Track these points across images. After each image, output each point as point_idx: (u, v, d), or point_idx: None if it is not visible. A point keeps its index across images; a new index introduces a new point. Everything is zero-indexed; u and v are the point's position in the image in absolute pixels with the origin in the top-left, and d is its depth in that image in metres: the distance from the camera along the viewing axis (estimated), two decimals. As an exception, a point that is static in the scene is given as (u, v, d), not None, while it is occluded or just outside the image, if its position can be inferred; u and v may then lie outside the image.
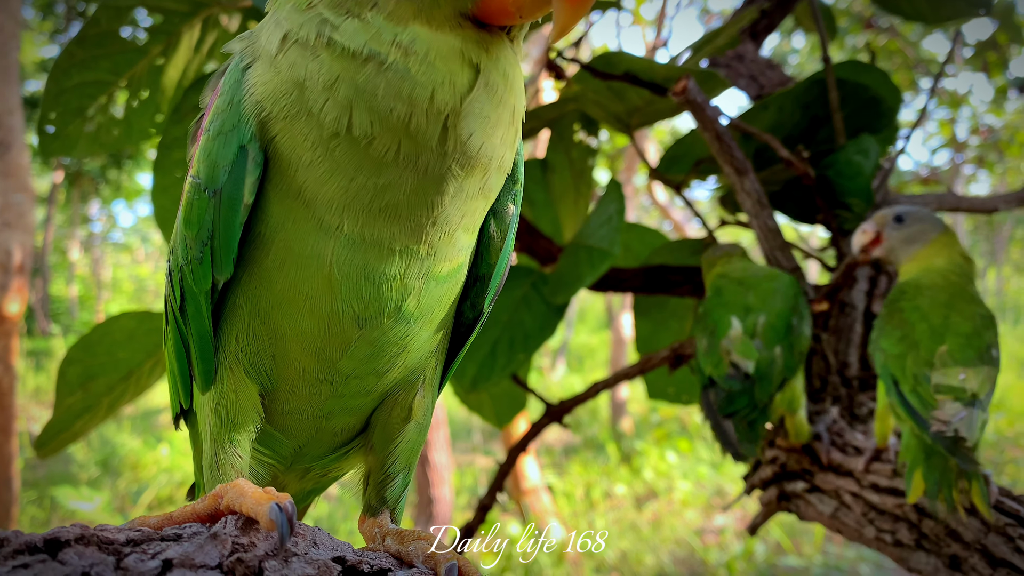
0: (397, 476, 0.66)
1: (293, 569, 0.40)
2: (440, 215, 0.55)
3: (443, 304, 0.61)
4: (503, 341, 1.25)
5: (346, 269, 0.55)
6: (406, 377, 0.63)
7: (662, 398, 1.50)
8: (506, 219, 0.63)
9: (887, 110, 1.18)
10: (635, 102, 1.26)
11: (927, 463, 0.79)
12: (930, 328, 0.86)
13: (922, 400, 0.80)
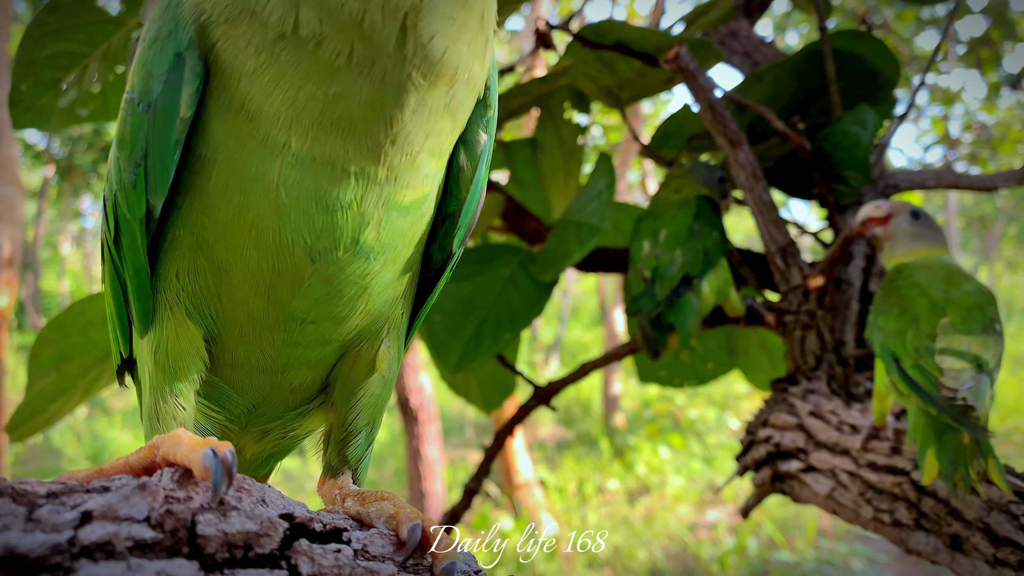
0: (360, 433, 0.60)
1: (232, 523, 0.36)
2: (400, 133, 0.49)
3: (408, 240, 0.56)
4: (489, 321, 1.21)
5: (295, 193, 0.50)
6: (369, 325, 0.58)
7: (654, 381, 1.46)
8: (477, 149, 0.57)
9: (885, 81, 1.14)
10: (626, 74, 1.22)
11: (939, 441, 0.75)
12: (930, 302, 0.83)
13: (926, 374, 0.76)
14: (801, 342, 1.03)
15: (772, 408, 1.00)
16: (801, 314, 1.02)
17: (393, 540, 0.45)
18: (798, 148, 1.08)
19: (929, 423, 0.76)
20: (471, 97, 0.53)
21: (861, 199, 1.16)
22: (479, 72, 0.52)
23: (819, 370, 1.02)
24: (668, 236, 1.11)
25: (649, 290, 1.11)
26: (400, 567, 0.44)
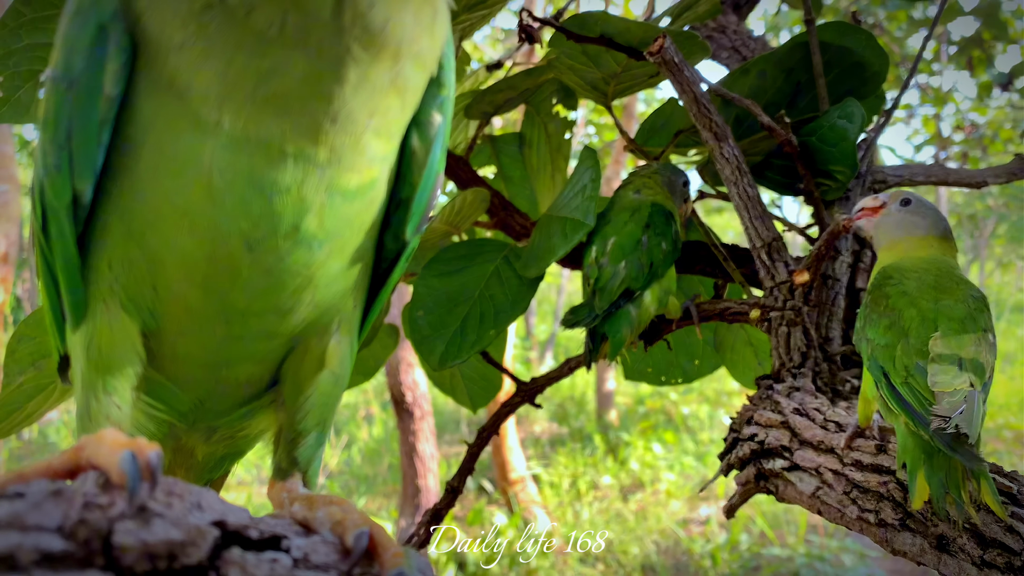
0: (309, 434, 0.57)
1: (154, 532, 0.34)
2: (341, 111, 0.46)
3: (355, 228, 0.53)
4: (473, 317, 1.19)
5: (229, 176, 0.46)
6: (317, 319, 0.55)
7: (639, 379, 1.45)
8: (430, 131, 0.54)
9: (873, 75, 1.12)
10: (612, 67, 1.20)
11: (929, 463, 0.72)
12: (920, 314, 0.80)
13: (916, 394, 0.74)
14: (787, 339, 1.02)
15: (757, 405, 0.99)
16: (787, 310, 1.00)
17: (338, 548, 0.42)
18: (784, 142, 1.07)
19: (918, 444, 0.74)
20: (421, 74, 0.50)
21: (848, 194, 1.15)
22: (428, 47, 0.49)
23: (805, 367, 1.01)
24: (615, 246, 1.12)
25: (589, 301, 1.12)
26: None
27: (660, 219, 1.12)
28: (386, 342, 1.55)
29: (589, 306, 1.11)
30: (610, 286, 1.09)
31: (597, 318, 1.09)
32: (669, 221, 1.13)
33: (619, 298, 1.09)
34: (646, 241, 1.10)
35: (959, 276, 0.86)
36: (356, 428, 9.09)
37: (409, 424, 5.29)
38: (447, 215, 1.28)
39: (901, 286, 0.84)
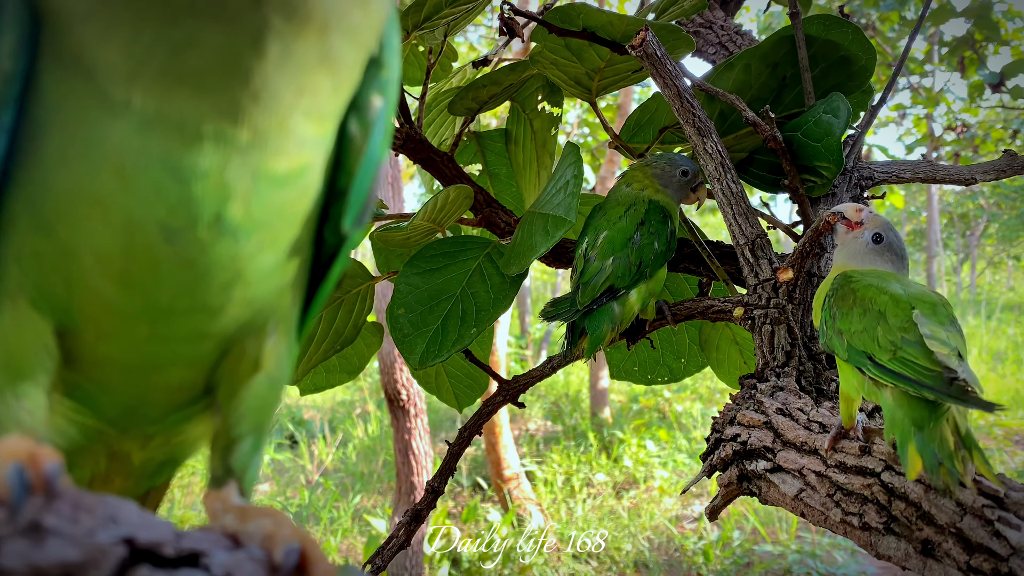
0: (244, 440, 0.52)
1: (47, 552, 0.30)
2: (263, 89, 0.41)
3: (288, 218, 0.48)
4: (454, 315, 1.17)
5: (141, 160, 0.42)
6: (251, 318, 0.50)
7: (626, 378, 1.43)
8: (369, 114, 0.49)
9: (860, 69, 1.11)
10: (595, 62, 1.18)
11: (919, 436, 0.71)
12: (892, 298, 0.80)
13: (909, 364, 0.73)
14: (770, 337, 1.00)
15: (740, 405, 0.97)
16: (771, 308, 0.99)
17: (266, 564, 0.39)
18: (768, 138, 1.05)
19: (908, 416, 0.73)
20: (355, 51, 0.45)
21: (834, 191, 1.13)
22: (362, 21, 0.44)
23: (789, 366, 0.99)
24: (605, 241, 1.10)
25: (571, 295, 1.10)
26: (269, 595, 0.38)
27: (656, 217, 1.10)
28: (370, 340, 1.53)
29: (571, 300, 1.09)
30: (595, 282, 1.07)
31: (577, 313, 1.07)
32: (666, 220, 1.10)
33: (602, 295, 1.07)
34: (638, 239, 1.08)
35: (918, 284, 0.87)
36: (352, 426, 9.07)
37: (403, 422, 5.28)
38: (430, 212, 1.26)
39: (864, 281, 0.84)
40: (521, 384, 1.21)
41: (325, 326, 1.35)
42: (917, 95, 8.96)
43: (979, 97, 8.14)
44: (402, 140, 1.38)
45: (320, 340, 1.35)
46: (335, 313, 1.35)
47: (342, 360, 1.54)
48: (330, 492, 7.14)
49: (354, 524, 6.69)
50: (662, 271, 1.11)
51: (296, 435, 8.99)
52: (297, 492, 7.42)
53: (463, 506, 7.06)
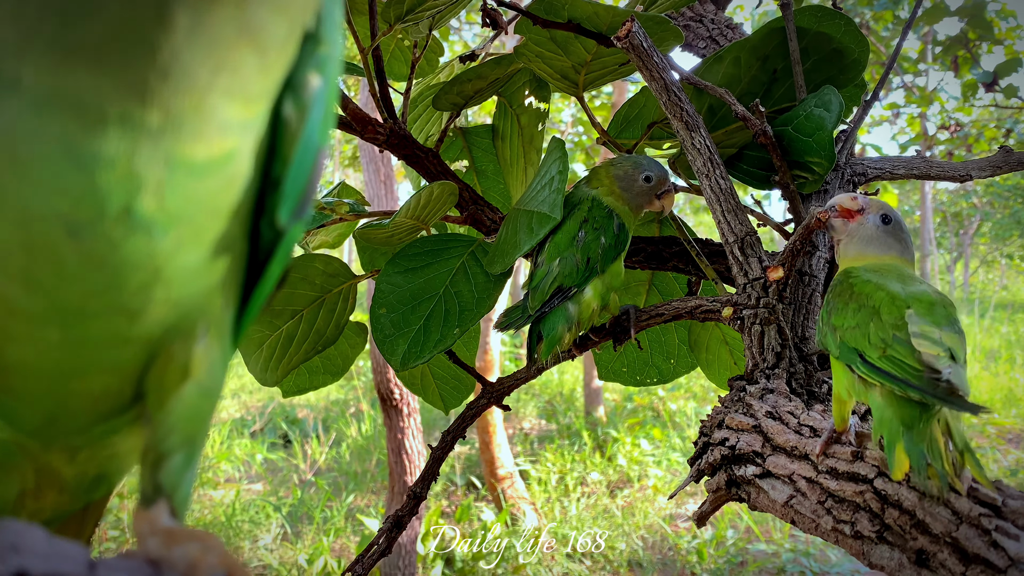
0: (174, 455, 0.47)
1: None
2: (172, 64, 0.36)
3: (212, 211, 0.42)
4: (437, 315, 1.14)
5: (38, 145, 0.37)
6: (177, 321, 0.45)
7: (614, 379, 1.40)
8: (306, 95, 0.43)
9: (853, 62, 1.08)
10: (581, 55, 1.15)
11: (908, 435, 0.68)
12: (889, 295, 0.77)
13: (898, 362, 0.70)
14: (760, 338, 0.97)
15: (728, 408, 0.94)
16: (760, 308, 0.96)
17: None
18: (758, 133, 1.02)
19: (897, 415, 0.70)
20: (284, 24, 0.40)
21: (826, 187, 1.10)
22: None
23: (779, 368, 0.96)
24: (551, 244, 1.07)
25: (523, 301, 1.08)
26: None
27: (599, 212, 1.08)
28: (354, 340, 1.50)
29: (523, 307, 1.07)
30: (543, 285, 1.05)
31: (530, 318, 1.05)
32: (610, 215, 1.08)
33: (552, 296, 1.05)
34: (582, 236, 1.06)
35: (923, 280, 0.83)
36: (345, 425, 9.05)
37: (396, 421, 5.25)
38: (413, 209, 1.23)
39: (863, 277, 0.81)
40: (505, 387, 1.18)
41: (306, 326, 1.32)
42: (911, 94, 8.98)
43: (972, 96, 8.16)
44: (386, 136, 1.35)
45: (301, 341, 1.32)
46: (316, 313, 1.32)
47: (325, 361, 1.51)
48: (323, 491, 7.13)
49: (347, 524, 6.67)
50: (617, 265, 1.08)
51: (290, 434, 8.96)
52: (290, 491, 7.39)
53: (457, 505, 7.04)
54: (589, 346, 1.16)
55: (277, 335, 1.30)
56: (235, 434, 8.88)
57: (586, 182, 1.14)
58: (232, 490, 7.22)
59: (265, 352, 1.29)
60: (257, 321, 1.28)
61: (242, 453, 8.16)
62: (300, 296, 1.30)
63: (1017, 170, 1.25)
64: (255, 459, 8.04)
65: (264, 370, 1.29)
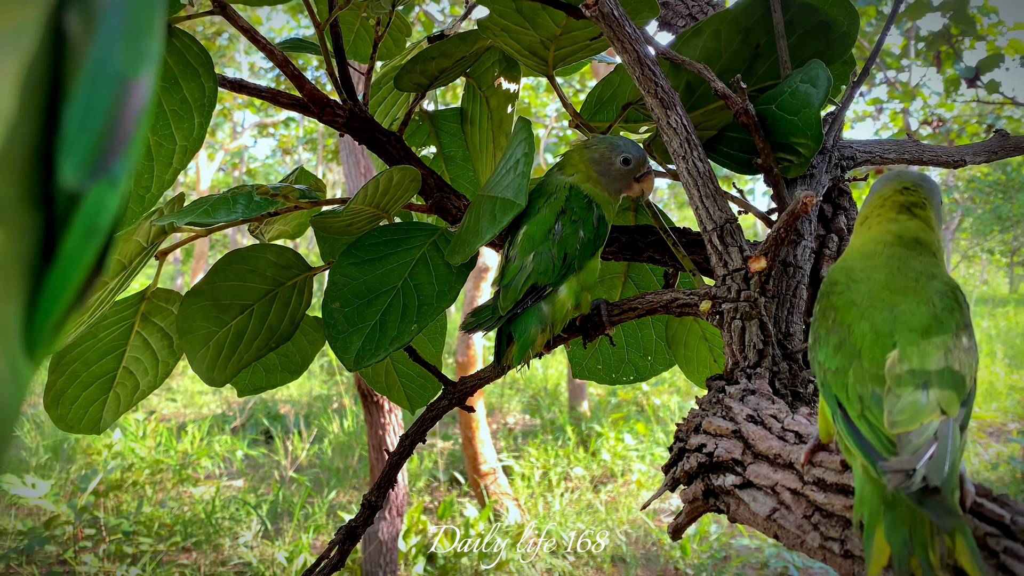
0: None
1: None
2: None
3: None
4: (394, 309, 1.06)
5: None
6: None
7: (589, 377, 1.32)
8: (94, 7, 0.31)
9: (842, 36, 1.00)
10: (550, 29, 1.07)
11: (891, 516, 0.58)
12: (872, 329, 0.66)
13: (875, 430, 0.60)
14: (741, 334, 0.89)
15: (706, 411, 0.86)
16: (741, 302, 0.88)
17: None
18: (739, 112, 0.94)
19: (877, 492, 0.60)
20: None
21: (812, 171, 1.02)
22: None
23: (761, 367, 0.88)
24: (524, 237, 0.99)
25: (493, 301, 0.99)
26: None
27: (578, 203, 0.99)
28: (313, 336, 1.41)
29: (493, 306, 0.98)
30: (515, 283, 0.96)
31: (501, 319, 0.96)
32: (590, 205, 1.00)
33: (526, 296, 0.96)
34: (559, 229, 0.97)
35: (923, 264, 0.71)
36: (327, 421, 8.97)
37: (377, 417, 5.18)
38: (371, 196, 1.14)
39: (848, 294, 0.70)
40: (468, 387, 1.10)
41: (257, 322, 1.23)
42: (894, 89, 8.97)
43: (955, 92, 8.18)
44: (345, 118, 1.26)
45: (252, 337, 1.23)
46: (268, 307, 1.23)
47: (283, 358, 1.42)
48: (304, 488, 7.06)
49: (328, 520, 6.60)
50: (594, 261, 1.00)
51: (271, 430, 8.88)
52: (271, 488, 7.31)
53: (439, 501, 6.98)
54: (558, 343, 1.07)
55: (225, 331, 1.21)
56: (216, 430, 8.79)
57: (559, 168, 1.06)
58: (212, 487, 7.13)
59: (212, 349, 1.20)
60: (203, 316, 1.19)
61: (222, 449, 8.07)
62: (250, 289, 1.21)
63: (1013, 155, 1.18)
64: (236, 455, 7.95)
65: (211, 369, 1.20)
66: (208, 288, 1.20)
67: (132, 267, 1.20)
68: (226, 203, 1.07)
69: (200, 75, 1.22)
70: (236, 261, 1.21)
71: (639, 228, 1.15)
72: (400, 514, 5.42)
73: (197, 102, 1.23)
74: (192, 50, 1.20)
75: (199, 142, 1.23)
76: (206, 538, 6.30)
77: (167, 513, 6.53)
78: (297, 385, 11.22)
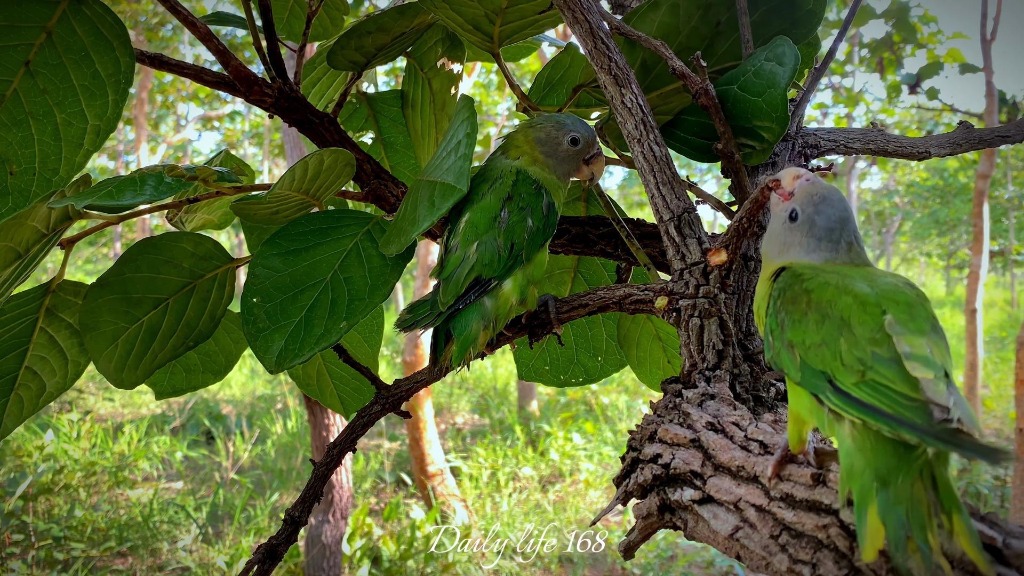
0: None
1: None
2: None
3: None
4: (322, 305, 0.96)
5: None
6: None
7: (536, 378, 1.24)
8: None
9: (807, 14, 0.93)
10: (496, 1, 0.98)
11: (884, 494, 0.52)
12: (857, 300, 0.61)
13: (883, 391, 0.54)
14: (699, 333, 0.81)
15: (662, 417, 0.78)
16: (700, 298, 0.80)
17: None
18: (699, 92, 0.87)
19: (871, 465, 0.54)
20: None
21: (774, 159, 0.96)
22: None
23: (721, 369, 0.81)
24: (467, 225, 0.90)
25: (433, 295, 0.89)
26: None
27: (526, 188, 0.91)
28: (237, 334, 1.30)
29: (432, 301, 0.89)
30: (457, 276, 0.87)
31: (441, 316, 0.87)
32: (539, 191, 0.91)
33: (468, 290, 0.87)
34: (506, 217, 0.88)
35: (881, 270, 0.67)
36: (270, 422, 8.79)
37: (321, 419, 5.05)
38: (299, 181, 1.04)
39: (819, 278, 0.65)
40: (403, 390, 1.00)
41: (173, 318, 1.12)
42: (838, 95, 9.14)
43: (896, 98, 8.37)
44: (274, 98, 1.16)
45: (167, 334, 1.12)
46: (185, 302, 1.12)
47: (205, 358, 1.31)
48: (246, 489, 6.90)
49: (271, 523, 6.46)
50: (542, 253, 0.92)
51: (212, 431, 8.67)
52: (211, 490, 7.11)
53: (385, 503, 6.88)
54: (502, 342, 0.99)
55: (136, 327, 1.09)
56: (155, 431, 8.55)
57: (502, 152, 0.97)
58: (150, 489, 6.93)
59: (121, 348, 1.08)
60: (110, 311, 1.08)
61: (161, 450, 7.85)
62: (165, 282, 1.10)
63: (977, 148, 1.13)
64: (175, 457, 7.74)
65: (119, 369, 1.08)
66: (116, 280, 1.08)
67: (30, 256, 1.08)
68: (133, 184, 0.96)
69: (115, 48, 1.10)
70: (149, 250, 1.10)
71: (590, 219, 1.07)
72: (344, 517, 5.29)
73: (111, 78, 1.11)
74: (105, 20, 1.08)
75: (113, 122, 1.11)
76: (143, 542, 6.11)
77: (101, 517, 6.32)
78: (240, 385, 10.98)
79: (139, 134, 12.73)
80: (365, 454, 7.71)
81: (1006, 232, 19.11)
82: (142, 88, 12.65)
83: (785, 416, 0.77)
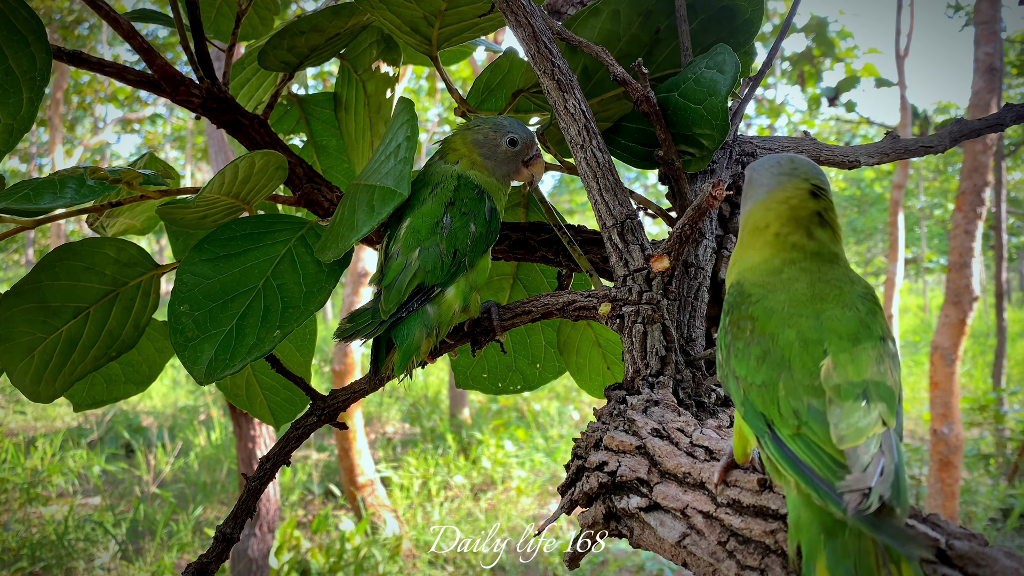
0: None
1: None
2: None
3: None
4: (254, 313, 0.92)
5: None
6: None
7: (473, 386, 1.22)
8: None
9: (745, 23, 0.94)
10: (435, 3, 0.96)
11: (832, 546, 0.51)
12: (800, 336, 0.60)
13: (815, 451, 0.53)
14: (642, 339, 0.81)
15: (607, 424, 0.77)
16: (643, 304, 0.80)
17: None
18: (639, 99, 0.87)
19: (816, 519, 0.53)
20: None
21: (713, 167, 0.96)
22: None
23: (664, 375, 0.80)
24: (408, 231, 0.88)
25: (373, 304, 0.87)
26: None
27: (468, 193, 0.89)
28: (161, 343, 1.25)
29: (373, 310, 0.87)
30: (399, 283, 0.85)
31: (383, 325, 0.85)
32: (481, 196, 0.90)
33: (411, 298, 0.85)
34: (448, 223, 0.87)
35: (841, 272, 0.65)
36: (193, 433, 8.53)
37: (247, 430, 4.91)
38: (228, 184, 1.00)
39: (766, 303, 0.64)
40: (340, 401, 0.97)
41: (94, 327, 1.06)
42: (761, 106, 9.41)
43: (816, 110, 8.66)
44: (202, 98, 1.12)
45: (88, 344, 1.06)
46: (107, 311, 1.07)
47: (127, 368, 1.25)
48: (169, 504, 6.67)
49: (195, 538, 6.26)
50: (485, 259, 0.91)
51: (132, 443, 8.37)
52: (131, 505, 6.86)
53: (314, 515, 6.74)
54: (444, 351, 0.97)
55: (55, 338, 1.04)
56: (70, 444, 8.20)
57: (440, 156, 0.95)
58: (65, 505, 6.63)
59: (38, 360, 1.02)
60: (26, 321, 1.01)
61: (77, 465, 7.53)
62: (85, 290, 1.05)
63: (904, 157, 1.17)
64: (92, 471, 7.43)
65: (36, 382, 1.02)
66: (33, 288, 1.02)
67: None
68: (52, 187, 0.91)
69: (30, 44, 1.04)
70: (68, 257, 1.04)
71: (531, 225, 1.06)
72: (271, 530, 5.16)
73: (26, 75, 1.05)
74: (20, 15, 1.02)
75: (28, 121, 1.05)
76: (57, 561, 5.84)
77: (12, 536, 6.02)
78: (161, 395, 10.63)
79: (54, 136, 12.22)
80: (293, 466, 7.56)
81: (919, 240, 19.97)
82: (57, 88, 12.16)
83: (727, 421, 0.78)
